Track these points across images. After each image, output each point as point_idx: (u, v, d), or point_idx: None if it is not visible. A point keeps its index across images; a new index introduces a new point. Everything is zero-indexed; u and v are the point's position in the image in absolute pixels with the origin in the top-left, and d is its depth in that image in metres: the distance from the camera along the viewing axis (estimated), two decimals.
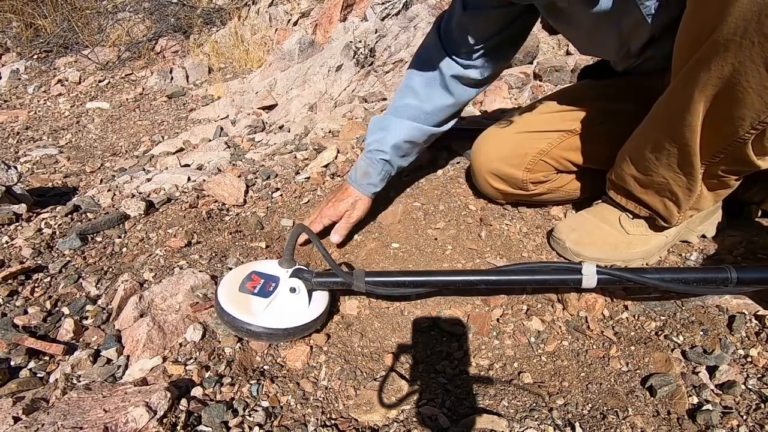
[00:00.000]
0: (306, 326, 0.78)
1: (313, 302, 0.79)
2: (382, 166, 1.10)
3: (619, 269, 0.82)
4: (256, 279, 0.78)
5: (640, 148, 0.87)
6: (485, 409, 0.72)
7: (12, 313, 0.89)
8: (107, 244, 1.12)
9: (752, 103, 0.65)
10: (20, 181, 1.50)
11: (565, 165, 1.08)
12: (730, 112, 0.68)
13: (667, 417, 0.68)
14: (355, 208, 1.09)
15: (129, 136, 2.79)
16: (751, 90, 0.63)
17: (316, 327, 0.81)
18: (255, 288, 0.76)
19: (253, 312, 0.75)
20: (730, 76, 0.64)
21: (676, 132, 0.77)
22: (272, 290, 0.77)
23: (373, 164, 1.10)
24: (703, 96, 0.69)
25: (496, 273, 0.82)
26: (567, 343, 0.84)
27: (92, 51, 3.89)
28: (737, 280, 0.74)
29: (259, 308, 0.75)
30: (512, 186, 1.11)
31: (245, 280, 0.78)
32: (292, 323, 0.76)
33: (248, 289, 0.76)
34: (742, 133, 0.69)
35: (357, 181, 1.10)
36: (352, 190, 1.10)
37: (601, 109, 1.04)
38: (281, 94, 2.84)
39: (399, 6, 3.02)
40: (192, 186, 1.45)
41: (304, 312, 0.78)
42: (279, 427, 0.68)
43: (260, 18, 3.77)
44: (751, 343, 0.77)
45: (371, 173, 1.10)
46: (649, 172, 0.87)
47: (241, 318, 0.74)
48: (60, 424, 0.59)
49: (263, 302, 0.75)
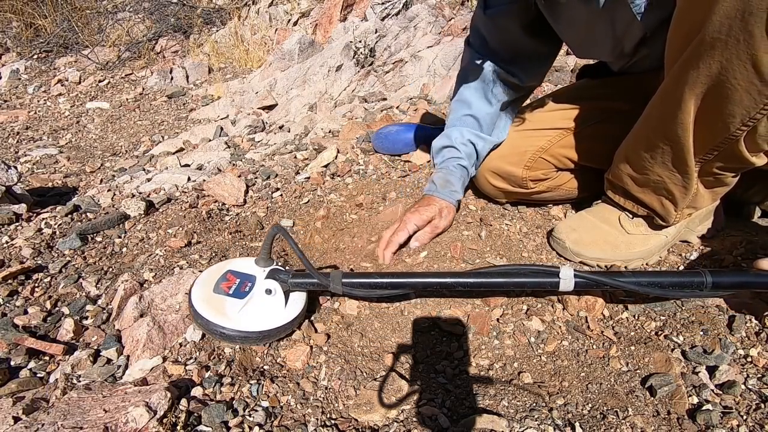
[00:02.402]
0: (281, 329, 0.76)
1: (289, 304, 0.77)
2: (460, 172, 1.11)
3: (596, 272, 0.80)
4: (231, 279, 0.76)
5: (635, 147, 0.87)
6: (485, 409, 0.72)
7: (12, 313, 0.89)
8: (107, 244, 1.12)
9: (741, 100, 0.65)
10: (20, 181, 1.50)
11: (564, 162, 1.09)
12: (721, 109, 0.68)
13: (667, 417, 0.68)
14: (442, 216, 1.06)
15: (129, 136, 2.79)
16: (739, 87, 0.64)
17: (293, 329, 0.79)
18: (230, 288, 0.74)
19: (227, 314, 0.72)
20: (719, 74, 0.65)
21: (669, 130, 0.77)
22: (248, 291, 0.74)
23: (451, 172, 1.10)
24: (694, 94, 0.70)
25: (473, 275, 0.80)
26: (567, 343, 0.84)
27: (92, 51, 3.90)
28: (712, 284, 0.74)
29: (233, 310, 0.73)
30: (512, 184, 1.11)
31: (220, 280, 0.76)
32: (266, 326, 0.74)
33: (223, 289, 0.74)
34: (733, 130, 0.70)
35: (439, 191, 1.08)
36: (435, 199, 1.08)
37: (600, 108, 1.05)
38: (281, 94, 2.85)
39: (399, 6, 3.02)
40: (192, 186, 1.45)
41: (280, 314, 0.75)
42: (279, 427, 0.68)
43: (260, 18, 3.77)
44: (751, 343, 0.77)
45: (452, 181, 1.09)
46: (644, 171, 0.87)
47: (215, 321, 0.72)
48: (60, 424, 0.59)
49: (238, 304, 0.73)
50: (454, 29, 2.77)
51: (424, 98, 2.18)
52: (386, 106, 2.09)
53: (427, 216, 1.05)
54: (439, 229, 1.06)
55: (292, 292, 0.78)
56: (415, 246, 1.05)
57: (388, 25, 2.93)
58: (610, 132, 0.98)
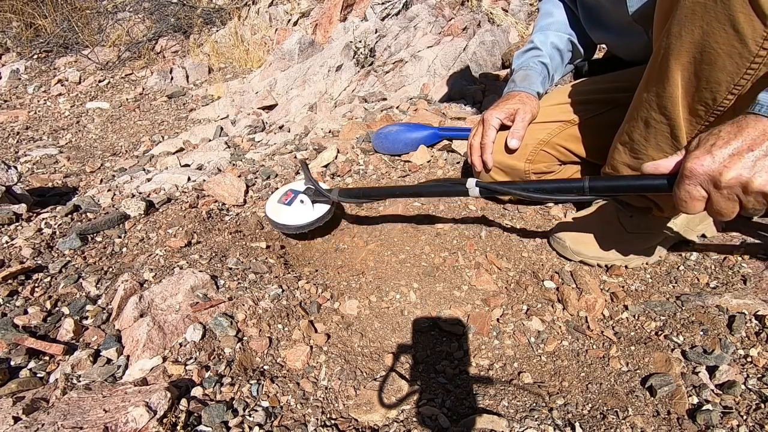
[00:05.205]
0: (306, 225, 1.10)
1: (315, 209, 1.11)
2: (541, 68, 1.11)
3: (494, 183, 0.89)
4: (289, 194, 1.14)
5: (628, 131, 0.88)
6: (485, 409, 0.72)
7: (12, 313, 0.89)
8: (107, 244, 1.12)
9: (724, 66, 0.65)
10: (20, 181, 1.50)
11: (566, 155, 1.09)
12: (706, 77, 0.68)
13: (667, 417, 0.68)
14: (525, 104, 1.04)
15: (129, 136, 2.79)
16: (722, 51, 0.64)
17: (317, 225, 1.12)
18: (286, 200, 1.13)
19: (279, 214, 1.12)
20: (701, 40, 0.65)
21: (659, 105, 0.77)
22: (290, 201, 1.13)
23: (531, 68, 1.10)
24: (680, 64, 0.70)
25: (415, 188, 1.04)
26: (567, 343, 0.84)
27: (92, 51, 3.89)
28: (589, 188, 0.75)
29: (283, 212, 1.12)
30: (515, 178, 1.12)
31: (282, 195, 1.15)
32: (297, 222, 1.10)
33: (282, 200, 1.14)
34: (720, 99, 0.69)
35: (519, 86, 1.08)
36: (515, 93, 1.07)
37: (599, 101, 1.05)
38: (281, 94, 2.84)
39: (399, 6, 3.02)
40: (192, 186, 1.45)
41: (306, 215, 1.11)
42: (279, 427, 0.68)
43: (260, 18, 3.77)
44: (751, 343, 0.77)
45: (531, 76, 1.09)
46: (639, 155, 0.87)
47: (273, 218, 1.11)
48: (60, 424, 0.59)
49: (285, 208, 1.12)
50: (454, 29, 2.77)
51: (424, 98, 2.18)
52: (386, 106, 2.08)
53: (508, 109, 1.03)
54: (527, 116, 1.04)
55: (315, 203, 1.12)
56: (514, 144, 1.03)
57: (388, 25, 2.93)
58: (611, 123, 0.98)
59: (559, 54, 1.16)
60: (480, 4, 3.04)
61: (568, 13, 1.18)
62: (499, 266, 1.03)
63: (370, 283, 1.03)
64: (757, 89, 0.61)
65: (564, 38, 1.16)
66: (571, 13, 1.17)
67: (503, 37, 2.68)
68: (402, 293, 0.99)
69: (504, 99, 1.08)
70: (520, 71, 1.12)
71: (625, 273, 0.97)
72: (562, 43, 1.16)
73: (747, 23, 0.60)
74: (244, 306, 0.89)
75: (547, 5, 1.21)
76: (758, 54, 0.61)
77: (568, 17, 1.18)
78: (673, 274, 0.96)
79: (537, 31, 1.19)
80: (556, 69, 1.17)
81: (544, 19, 1.20)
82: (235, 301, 0.90)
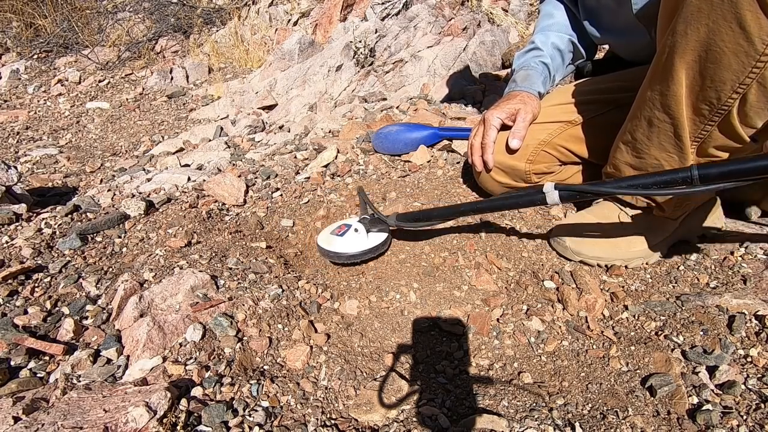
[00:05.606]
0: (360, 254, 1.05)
1: (369, 238, 1.07)
2: (542, 68, 1.11)
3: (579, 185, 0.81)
4: (342, 227, 1.11)
5: (631, 130, 0.87)
6: (485, 409, 0.72)
7: (12, 313, 0.89)
8: (107, 244, 1.12)
9: (730, 64, 0.65)
10: (20, 181, 1.50)
11: (567, 155, 1.09)
12: (711, 76, 0.68)
13: (667, 417, 0.68)
14: (526, 104, 1.04)
15: (129, 136, 2.79)
16: (727, 49, 0.64)
17: (370, 256, 1.07)
18: (339, 232, 1.10)
19: (332, 244, 1.07)
20: (706, 38, 0.65)
21: (663, 104, 0.77)
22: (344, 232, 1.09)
23: (532, 68, 1.11)
24: (684, 62, 0.70)
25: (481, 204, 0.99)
26: (567, 343, 0.84)
27: (92, 51, 3.90)
28: (699, 177, 0.69)
29: (335, 242, 1.07)
30: (515, 179, 1.12)
31: (336, 228, 1.12)
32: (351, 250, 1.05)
33: (335, 233, 1.10)
34: (725, 99, 0.69)
35: (520, 86, 1.08)
36: (516, 93, 1.07)
37: (600, 101, 1.06)
38: (281, 94, 2.84)
39: (399, 6, 3.02)
40: (192, 186, 1.45)
41: (361, 244, 1.06)
42: (279, 427, 0.68)
43: (260, 18, 3.77)
44: (751, 343, 0.77)
45: (532, 76, 1.09)
46: (641, 155, 0.87)
47: (325, 247, 1.07)
48: (60, 424, 0.59)
49: (338, 239, 1.08)
50: (454, 29, 2.77)
51: (424, 98, 2.18)
52: (386, 106, 2.08)
53: (509, 109, 1.03)
54: (528, 116, 1.04)
55: (369, 231, 1.07)
56: (515, 144, 1.03)
57: (388, 25, 2.93)
58: (612, 124, 0.99)
59: (560, 54, 1.16)
60: (480, 4, 3.04)
61: (568, 14, 1.18)
62: (499, 266, 1.03)
63: (370, 283, 1.03)
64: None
65: (565, 39, 1.17)
66: (571, 14, 1.18)
67: (503, 37, 2.69)
68: (402, 293, 0.99)
69: (505, 99, 1.08)
70: (521, 71, 1.13)
71: (625, 273, 0.97)
72: (563, 43, 1.16)
73: (754, 21, 0.60)
74: (244, 306, 0.89)
75: (548, 6, 1.22)
76: (764, 52, 0.61)
77: (568, 18, 1.18)
78: (673, 274, 0.96)
79: (538, 32, 1.19)
80: (557, 69, 1.17)
81: (545, 20, 1.20)
82: (235, 301, 0.90)
